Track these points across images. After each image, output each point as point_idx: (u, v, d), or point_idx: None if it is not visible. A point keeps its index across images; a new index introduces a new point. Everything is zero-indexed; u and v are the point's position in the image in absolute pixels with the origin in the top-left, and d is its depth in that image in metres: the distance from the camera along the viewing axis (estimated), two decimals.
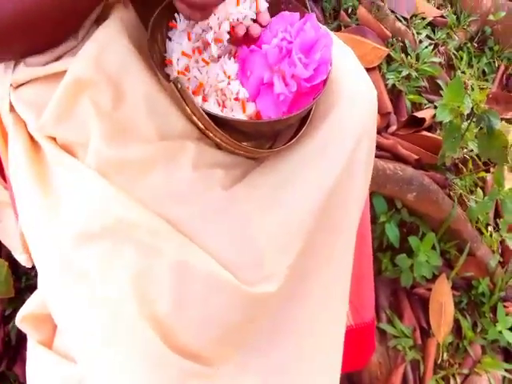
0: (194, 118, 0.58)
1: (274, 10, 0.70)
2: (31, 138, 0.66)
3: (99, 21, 0.66)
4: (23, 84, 0.67)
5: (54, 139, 0.63)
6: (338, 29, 1.62)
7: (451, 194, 1.39)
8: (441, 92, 1.52)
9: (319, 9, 1.68)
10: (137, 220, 0.58)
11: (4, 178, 1.03)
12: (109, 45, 0.62)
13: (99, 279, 0.58)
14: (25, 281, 1.14)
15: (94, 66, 0.60)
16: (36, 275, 1.13)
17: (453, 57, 1.64)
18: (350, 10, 1.64)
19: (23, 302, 0.76)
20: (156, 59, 0.63)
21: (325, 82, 0.65)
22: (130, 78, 0.62)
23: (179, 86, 0.55)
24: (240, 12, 0.65)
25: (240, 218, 0.62)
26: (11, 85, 0.67)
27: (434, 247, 1.30)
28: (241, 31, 0.66)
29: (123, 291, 0.57)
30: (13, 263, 1.03)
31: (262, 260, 0.61)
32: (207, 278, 0.59)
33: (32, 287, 1.13)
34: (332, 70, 0.66)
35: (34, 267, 1.08)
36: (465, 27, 1.70)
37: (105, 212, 0.58)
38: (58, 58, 0.65)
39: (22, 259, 0.93)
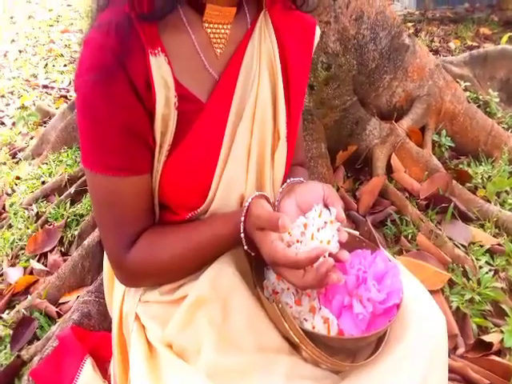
0: (291, 332, 0.69)
1: (349, 247, 0.87)
2: (148, 342, 0.80)
3: None
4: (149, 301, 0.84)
5: (170, 345, 0.76)
6: (399, 253, 1.74)
7: None
8: (506, 318, 1.53)
9: (381, 234, 1.85)
10: None
11: (104, 375, 1.16)
12: (222, 271, 0.79)
13: None
14: None
15: (210, 287, 0.77)
16: None
17: None
18: (409, 237, 1.79)
19: None
20: (258, 284, 0.78)
21: (398, 306, 0.77)
22: (235, 298, 0.77)
23: (280, 305, 0.69)
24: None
25: None
26: (139, 300, 0.84)
27: None
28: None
29: None
30: None
31: None
32: None
33: None
34: (403, 296, 0.77)
35: None
36: None
37: None
38: (181, 285, 0.83)
39: None
